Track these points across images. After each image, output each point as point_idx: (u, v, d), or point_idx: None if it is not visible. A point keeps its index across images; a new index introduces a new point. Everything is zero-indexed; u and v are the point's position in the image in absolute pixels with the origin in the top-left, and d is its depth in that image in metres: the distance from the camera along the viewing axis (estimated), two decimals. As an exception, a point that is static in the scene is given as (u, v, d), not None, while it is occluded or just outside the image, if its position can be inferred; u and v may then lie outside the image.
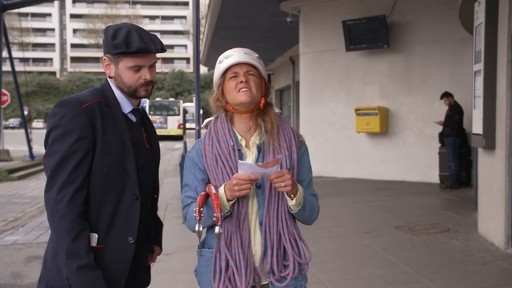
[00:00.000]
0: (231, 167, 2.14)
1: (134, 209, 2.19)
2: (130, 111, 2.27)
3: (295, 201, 2.12)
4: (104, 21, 72.21)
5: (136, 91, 2.23)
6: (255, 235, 2.18)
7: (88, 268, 2.02)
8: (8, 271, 6.02)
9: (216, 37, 17.77)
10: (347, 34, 11.55)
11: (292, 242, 2.18)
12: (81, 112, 2.09)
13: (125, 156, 2.16)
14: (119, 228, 2.15)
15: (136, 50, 2.13)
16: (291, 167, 2.19)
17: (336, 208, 8.35)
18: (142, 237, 2.27)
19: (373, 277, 4.94)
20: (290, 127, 2.29)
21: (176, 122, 37.53)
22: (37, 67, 76.65)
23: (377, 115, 11.25)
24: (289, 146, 2.21)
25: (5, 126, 34.59)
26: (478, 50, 6.22)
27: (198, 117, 12.90)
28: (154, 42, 2.19)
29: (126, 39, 2.13)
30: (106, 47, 2.20)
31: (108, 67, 2.24)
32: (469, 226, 6.72)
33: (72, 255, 2.02)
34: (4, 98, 18.24)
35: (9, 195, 12.18)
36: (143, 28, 2.23)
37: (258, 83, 2.20)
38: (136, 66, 2.18)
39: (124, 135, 2.19)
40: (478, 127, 6.17)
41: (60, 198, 2.03)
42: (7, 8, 17.59)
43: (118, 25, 2.21)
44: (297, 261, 2.16)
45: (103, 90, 2.24)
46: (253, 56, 2.22)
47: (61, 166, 2.05)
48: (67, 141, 2.06)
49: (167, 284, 4.98)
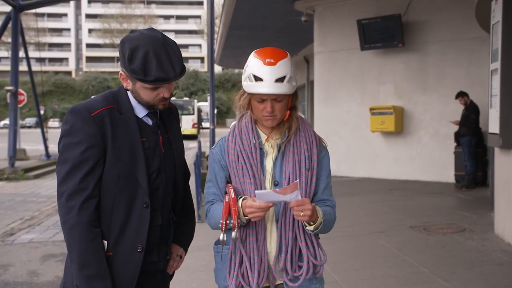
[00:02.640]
0: (252, 164, 2.16)
1: (144, 217, 2.16)
2: (146, 115, 2.23)
3: (313, 227, 2.11)
4: (119, 21, 72.74)
5: (154, 106, 2.20)
6: (272, 233, 2.18)
7: (97, 278, 2.04)
8: (24, 269, 6.08)
9: (230, 36, 17.80)
10: (362, 33, 11.50)
11: (308, 242, 2.16)
12: (90, 121, 2.08)
13: (135, 164, 2.13)
14: (129, 237, 2.14)
15: (154, 80, 2.06)
16: (310, 168, 2.19)
17: (350, 208, 8.32)
18: (155, 244, 2.24)
19: (388, 277, 4.91)
20: (313, 130, 2.28)
21: (190, 121, 37.55)
22: (53, 67, 77.35)
23: (392, 115, 11.18)
24: (309, 148, 2.21)
25: (22, 126, 34.96)
26: (495, 49, 6.16)
27: (212, 116, 12.94)
28: (174, 67, 2.09)
29: (144, 65, 2.04)
30: (122, 64, 2.13)
31: (125, 81, 2.18)
32: (485, 226, 6.65)
33: (82, 264, 2.04)
34: (21, 98, 18.39)
35: (25, 194, 12.30)
36: (163, 46, 2.08)
37: (285, 104, 2.16)
38: (154, 87, 2.13)
39: (135, 142, 2.15)
40: (495, 126, 6.11)
41: (71, 206, 2.04)
42: (24, 9, 17.74)
43: (135, 43, 2.06)
44: (312, 261, 2.15)
45: (118, 94, 2.21)
46: (284, 83, 2.10)
47: (72, 173, 2.05)
48: (77, 150, 2.06)
49: (181, 283, 4.99)
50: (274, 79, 2.08)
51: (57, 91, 63.05)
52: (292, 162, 2.16)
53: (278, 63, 2.09)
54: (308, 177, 2.19)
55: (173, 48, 2.12)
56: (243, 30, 16.60)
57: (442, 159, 10.92)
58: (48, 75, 61.68)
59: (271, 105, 2.11)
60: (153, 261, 2.25)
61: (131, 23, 69.55)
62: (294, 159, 2.17)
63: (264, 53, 2.13)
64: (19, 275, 5.84)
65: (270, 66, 2.08)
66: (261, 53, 2.14)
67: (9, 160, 16.07)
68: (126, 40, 2.11)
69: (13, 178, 15.15)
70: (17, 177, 15.21)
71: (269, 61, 2.09)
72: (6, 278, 5.74)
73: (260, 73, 2.09)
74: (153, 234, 2.21)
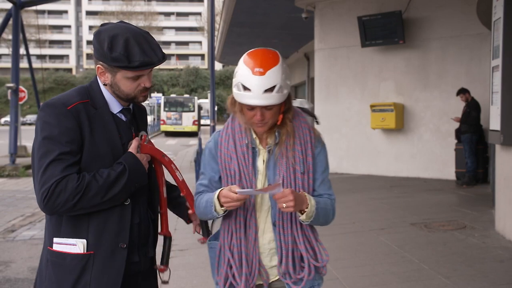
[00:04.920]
0: (243, 166, 2.15)
1: (125, 213, 2.11)
2: (119, 111, 2.18)
3: (305, 215, 2.08)
4: (119, 18, 72.47)
5: (135, 98, 2.15)
6: (264, 233, 2.17)
7: (123, 175, 2.04)
8: (26, 265, 6.09)
9: (231, 33, 17.78)
10: (363, 30, 11.47)
11: (307, 245, 2.15)
12: (67, 114, 2.00)
13: (114, 160, 2.08)
14: (110, 234, 2.08)
15: (138, 65, 2.02)
16: (305, 171, 2.15)
17: (351, 204, 8.31)
18: (135, 243, 2.17)
19: (389, 274, 4.91)
20: (307, 126, 2.22)
21: (191, 118, 37.59)
22: (54, 64, 77.30)
23: (392, 112, 11.17)
24: (304, 150, 2.16)
25: (23, 123, 34.96)
26: (496, 46, 6.15)
27: (213, 113, 12.92)
28: (155, 51, 2.07)
29: (126, 51, 2.00)
30: (100, 56, 2.05)
31: (103, 75, 2.11)
32: (486, 223, 6.65)
33: (112, 181, 2.02)
34: (21, 95, 18.41)
35: (26, 190, 12.31)
36: (140, 34, 2.07)
37: (276, 111, 2.10)
38: (136, 76, 2.08)
39: (114, 138, 2.10)
40: (496, 123, 6.11)
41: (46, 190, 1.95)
42: (25, 6, 17.75)
43: (113, 32, 2.03)
44: (313, 263, 2.14)
45: (90, 89, 2.15)
46: (273, 94, 2.02)
47: (52, 165, 1.96)
48: (56, 144, 1.97)
49: (182, 280, 5.00)
50: (263, 90, 2.00)
51: (57, 88, 62.90)
52: (285, 166, 2.13)
53: (267, 73, 2.00)
54: (305, 180, 2.16)
55: (150, 36, 2.11)
56: (244, 27, 16.58)
57: (443, 156, 10.91)
58: (48, 72, 61.63)
59: (261, 113, 2.06)
60: (135, 261, 2.18)
61: (132, 20, 69.44)
62: (288, 163, 2.13)
63: (254, 60, 2.04)
64: (20, 272, 5.85)
65: (259, 77, 2.00)
66: (251, 59, 2.05)
67: (10, 157, 16.11)
68: (102, 30, 2.07)
69: (14, 175, 15.18)
70: (18, 174, 15.24)
71: (257, 70, 2.01)
72: (8, 274, 5.76)
73: (248, 83, 2.02)
74: (133, 233, 2.15)
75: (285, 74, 2.07)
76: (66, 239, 2.07)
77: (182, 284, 4.91)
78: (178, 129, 36.50)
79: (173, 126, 37.29)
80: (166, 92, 57.18)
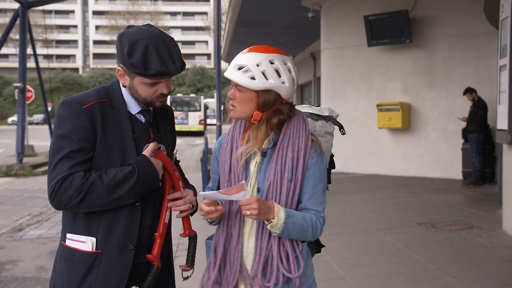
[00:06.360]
0: (235, 166, 2.15)
1: (135, 214, 2.12)
2: (138, 112, 2.19)
3: (270, 226, 2.02)
4: (125, 18, 72.75)
5: (152, 103, 2.16)
6: (250, 237, 2.14)
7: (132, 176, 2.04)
8: (33, 264, 6.13)
9: (237, 33, 17.79)
10: (369, 29, 11.45)
11: (282, 253, 2.08)
12: (81, 113, 2.04)
13: (126, 160, 2.08)
14: (119, 234, 2.09)
15: (154, 73, 2.03)
16: (293, 180, 2.08)
17: (358, 204, 8.31)
18: (145, 245, 2.17)
19: (395, 274, 4.91)
20: (306, 133, 2.12)
21: (197, 118, 37.64)
22: (60, 63, 77.52)
23: (399, 111, 11.15)
24: (296, 157, 2.08)
25: (30, 122, 35.11)
26: (504, 45, 6.13)
27: (219, 113, 12.93)
28: (174, 60, 2.06)
29: (144, 58, 2.01)
30: (120, 59, 2.08)
31: (122, 77, 2.14)
32: (493, 223, 6.63)
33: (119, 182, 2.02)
34: (28, 95, 18.49)
35: (33, 189, 12.37)
36: (162, 40, 2.06)
37: (246, 98, 2.07)
38: (153, 82, 2.09)
39: (127, 137, 2.11)
40: (503, 122, 6.08)
41: (56, 185, 1.99)
42: (31, 6, 17.81)
43: (134, 37, 2.04)
44: (283, 273, 2.06)
45: (111, 89, 2.17)
46: (238, 71, 2.05)
47: (62, 162, 2.01)
48: (68, 141, 2.01)
49: (190, 279, 5.00)
50: (234, 64, 2.08)
51: (64, 87, 63.13)
52: (274, 172, 2.08)
53: (247, 54, 2.08)
54: (290, 188, 2.08)
55: (172, 42, 2.09)
56: (250, 26, 16.59)
57: (450, 155, 10.88)
58: (55, 72, 61.80)
59: (233, 91, 2.10)
60: (142, 262, 2.17)
61: (138, 20, 69.56)
62: (276, 169, 2.08)
63: (259, 46, 2.12)
64: (27, 270, 5.88)
65: (241, 53, 2.10)
66: (258, 47, 2.14)
67: (17, 156, 16.18)
68: (124, 34, 2.08)
69: (21, 174, 15.25)
70: (25, 173, 15.31)
71: (248, 49, 2.10)
72: (15, 273, 5.79)
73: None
74: (143, 234, 2.15)
75: (269, 69, 2.05)
76: (77, 236, 2.11)
77: (189, 282, 4.91)
78: (184, 129, 36.54)
79: (179, 126, 37.27)
80: (173, 92, 57.32)
